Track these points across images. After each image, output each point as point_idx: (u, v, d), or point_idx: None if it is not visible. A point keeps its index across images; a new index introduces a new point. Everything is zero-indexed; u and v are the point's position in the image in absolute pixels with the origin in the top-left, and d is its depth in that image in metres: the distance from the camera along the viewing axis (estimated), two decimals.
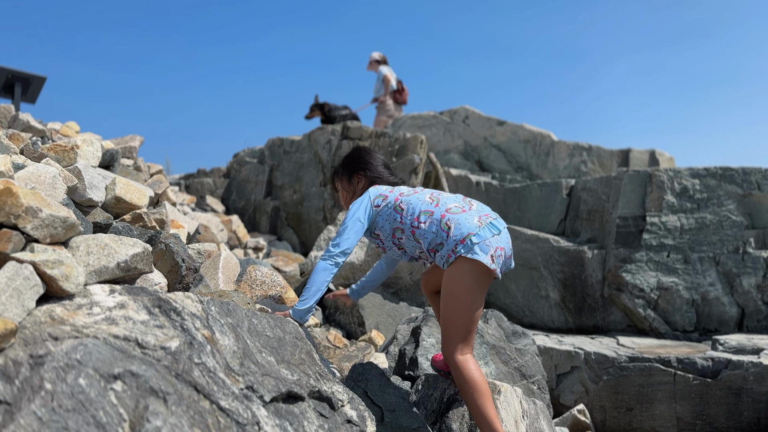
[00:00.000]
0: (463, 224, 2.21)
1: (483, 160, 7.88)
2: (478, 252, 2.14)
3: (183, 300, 1.96)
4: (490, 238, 2.19)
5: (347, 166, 2.63)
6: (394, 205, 2.36)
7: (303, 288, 2.35)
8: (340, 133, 6.22)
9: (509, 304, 5.57)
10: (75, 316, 1.77)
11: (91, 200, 2.78)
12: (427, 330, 3.10)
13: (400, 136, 5.65)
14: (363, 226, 2.34)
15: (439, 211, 2.28)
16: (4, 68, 7.75)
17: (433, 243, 2.26)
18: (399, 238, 2.36)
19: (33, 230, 1.91)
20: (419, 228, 2.27)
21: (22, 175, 2.26)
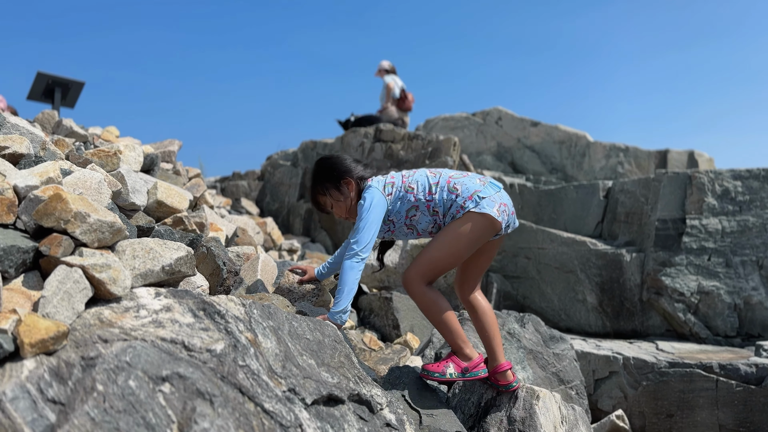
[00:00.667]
0: (468, 184, 2.39)
1: (516, 161, 7.81)
2: (485, 206, 2.31)
3: (226, 303, 2.00)
4: (494, 195, 2.38)
5: (328, 178, 2.58)
6: (404, 187, 2.47)
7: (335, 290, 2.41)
8: (373, 136, 6.24)
9: (545, 307, 5.50)
10: (123, 319, 1.81)
11: (134, 204, 2.85)
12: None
13: (432, 138, 5.64)
14: (380, 219, 2.42)
15: (443, 179, 2.44)
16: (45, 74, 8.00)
17: (445, 207, 2.39)
18: (412, 215, 2.46)
19: (81, 235, 1.97)
20: (434, 200, 2.40)
21: (69, 180, 2.33)
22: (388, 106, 7.91)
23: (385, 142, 6.09)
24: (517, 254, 5.56)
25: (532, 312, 5.51)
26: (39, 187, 2.10)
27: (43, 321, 1.65)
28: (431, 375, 2.44)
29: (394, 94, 7.92)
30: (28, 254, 1.88)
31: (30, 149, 2.41)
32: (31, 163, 2.34)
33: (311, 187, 2.65)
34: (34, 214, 1.96)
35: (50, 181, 2.16)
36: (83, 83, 8.46)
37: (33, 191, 2.04)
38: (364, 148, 6.18)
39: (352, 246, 2.36)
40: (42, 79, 8.02)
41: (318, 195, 2.62)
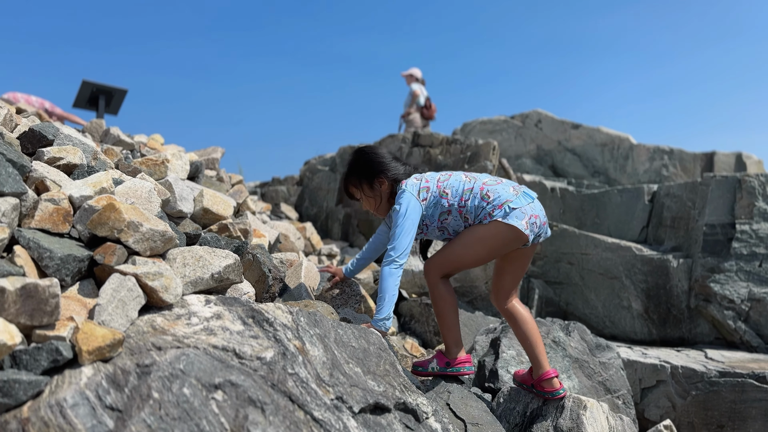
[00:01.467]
0: (501, 193, 2.40)
1: (557, 164, 7.68)
2: (513, 218, 2.32)
3: (274, 311, 2.02)
4: (526, 206, 2.37)
5: (363, 173, 2.61)
6: (439, 193, 2.48)
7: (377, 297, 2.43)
8: (411, 141, 6.24)
9: (589, 314, 5.40)
10: (175, 326, 1.85)
11: (181, 212, 2.91)
12: (506, 342, 3.04)
13: (471, 142, 5.60)
14: (416, 225, 2.44)
15: (477, 186, 2.45)
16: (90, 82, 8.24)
17: (475, 214, 2.41)
18: (444, 219, 2.49)
19: (134, 243, 2.02)
20: (466, 206, 2.42)
21: (121, 189, 2.39)
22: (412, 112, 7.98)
23: (423, 147, 6.08)
24: (560, 260, 5.46)
25: (575, 319, 5.41)
26: (93, 197, 2.16)
27: (99, 329, 1.70)
28: (416, 369, 2.54)
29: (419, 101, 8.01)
30: (83, 263, 1.94)
31: (83, 159, 2.48)
32: (84, 173, 2.41)
33: (345, 175, 2.69)
34: (89, 223, 2.02)
35: (103, 191, 2.23)
36: (126, 91, 8.70)
37: (87, 201, 2.10)
38: (402, 153, 6.18)
39: (390, 253, 2.38)
40: (87, 87, 8.27)
41: (350, 185, 2.67)
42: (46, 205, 2.03)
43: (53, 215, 2.04)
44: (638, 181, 7.21)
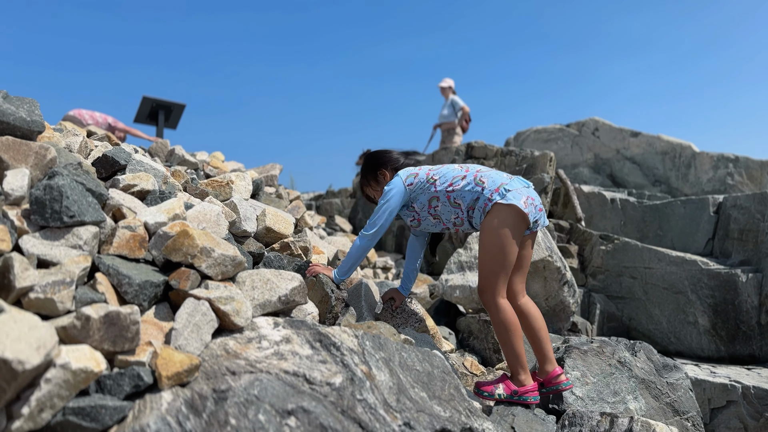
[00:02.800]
0: (495, 178, 2.47)
1: (616, 173, 7.48)
2: (511, 198, 2.38)
3: (340, 335, 2.05)
4: (521, 188, 2.44)
5: (369, 170, 2.85)
6: (426, 179, 2.60)
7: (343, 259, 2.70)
8: (464, 152, 6.21)
9: (653, 330, 5.22)
10: (247, 350, 1.90)
11: (246, 231, 2.99)
12: (570, 362, 2.98)
13: (527, 154, 5.52)
14: (396, 208, 2.61)
15: (471, 173, 2.54)
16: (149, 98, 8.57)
17: (469, 199, 2.48)
18: (435, 206, 2.58)
19: (207, 269, 2.09)
20: (454, 191, 2.50)
21: (192, 214, 2.48)
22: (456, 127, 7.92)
23: (477, 159, 6.04)
24: (622, 273, 5.31)
25: (638, 334, 5.24)
26: (167, 223, 2.25)
27: (177, 354, 1.77)
28: (481, 393, 2.50)
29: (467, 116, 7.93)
30: (159, 288, 2.02)
31: (155, 185, 2.59)
32: (156, 199, 2.51)
33: (360, 178, 2.93)
34: (164, 249, 2.10)
35: (176, 218, 2.31)
36: (184, 105, 8.98)
37: (162, 227, 2.18)
38: None
39: (368, 228, 2.60)
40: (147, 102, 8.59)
41: (364, 187, 2.91)
42: (123, 231, 2.12)
43: (130, 241, 2.13)
44: (701, 191, 6.94)
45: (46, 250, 1.89)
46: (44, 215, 1.93)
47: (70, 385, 1.52)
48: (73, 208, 1.95)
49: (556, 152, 7.70)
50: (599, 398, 2.92)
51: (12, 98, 2.27)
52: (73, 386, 1.53)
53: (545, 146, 8.07)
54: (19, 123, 2.20)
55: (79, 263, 1.87)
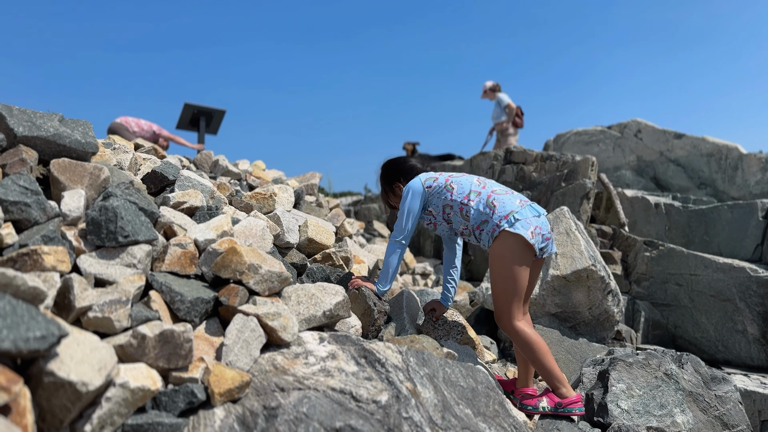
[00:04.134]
0: (506, 203, 2.48)
1: (659, 176, 7.30)
2: (519, 228, 2.39)
3: (384, 351, 2.07)
4: (531, 218, 2.45)
5: (385, 183, 2.89)
6: (444, 185, 2.62)
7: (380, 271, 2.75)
8: (503, 158, 6.16)
9: (699, 338, 5.09)
10: (294, 366, 1.94)
11: (289, 243, 3.05)
12: (616, 375, 2.94)
13: (568, 159, 5.44)
14: (418, 211, 2.64)
15: (486, 192, 2.55)
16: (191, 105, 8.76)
17: (478, 220, 2.51)
18: (448, 213, 2.62)
19: (255, 285, 2.15)
20: (467, 205, 2.53)
21: (238, 229, 2.54)
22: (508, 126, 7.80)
23: (516, 164, 5.99)
24: (667, 280, 5.19)
25: (684, 342, 5.11)
26: (216, 240, 2.32)
27: (228, 371, 1.82)
28: (525, 407, 2.52)
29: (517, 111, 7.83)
30: (209, 304, 2.08)
31: (203, 201, 2.66)
32: (204, 215, 2.58)
33: (381, 189, 2.95)
34: (213, 266, 2.17)
35: (224, 234, 2.38)
36: (224, 111, 9.17)
37: (211, 245, 2.25)
38: (494, 170, 6.12)
39: (394, 233, 2.65)
40: (188, 109, 8.79)
41: (384, 195, 2.95)
42: (174, 249, 2.19)
43: (181, 258, 2.20)
44: (749, 194, 6.72)
45: (102, 270, 1.97)
46: (100, 235, 2.01)
47: (128, 403, 1.58)
48: (128, 228, 2.02)
49: (597, 155, 7.57)
50: (645, 411, 2.88)
51: (67, 121, 2.37)
52: (132, 404, 1.59)
53: (586, 149, 7.93)
54: (75, 145, 2.29)
55: (133, 282, 1.94)
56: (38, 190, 2.03)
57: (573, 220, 4.03)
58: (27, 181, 2.01)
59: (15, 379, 1.27)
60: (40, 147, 2.25)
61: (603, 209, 5.93)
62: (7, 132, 2.19)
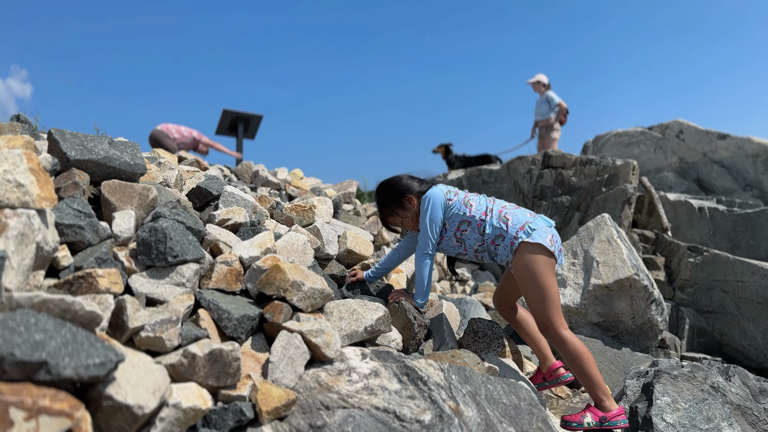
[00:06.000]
0: (519, 216, 2.56)
1: (703, 178, 7.10)
2: (537, 237, 2.46)
3: (426, 368, 2.09)
4: (545, 227, 2.53)
5: (392, 199, 2.77)
6: (464, 201, 2.65)
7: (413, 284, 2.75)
8: (541, 162, 6.09)
9: (746, 346, 4.95)
10: (338, 383, 1.98)
11: (328, 255, 3.09)
12: (660, 388, 2.90)
13: (608, 163, 5.34)
14: (440, 218, 2.62)
15: (497, 208, 2.62)
16: (229, 111, 8.94)
17: (493, 235, 2.56)
18: (464, 230, 2.63)
19: (298, 302, 2.19)
20: (485, 222, 2.57)
21: (281, 245, 2.59)
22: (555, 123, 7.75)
23: (555, 168, 5.91)
24: (712, 287, 5.05)
25: (730, 350, 4.98)
26: (260, 257, 2.37)
27: (275, 389, 1.86)
28: (569, 425, 2.47)
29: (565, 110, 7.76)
30: (254, 320, 2.13)
31: (247, 218, 2.72)
32: (248, 231, 2.64)
33: (379, 211, 2.87)
34: (258, 283, 2.22)
35: (268, 251, 2.43)
36: (261, 116, 9.31)
37: (255, 262, 2.30)
38: (532, 175, 6.06)
39: (419, 245, 2.64)
40: (227, 115, 8.97)
41: (387, 217, 2.85)
42: (221, 267, 2.26)
43: (227, 276, 2.26)
44: None
45: (153, 289, 2.04)
46: (150, 256, 2.08)
47: (181, 423, 1.63)
48: (177, 249, 2.09)
49: (638, 156, 7.41)
50: (691, 425, 2.82)
51: (116, 143, 2.46)
52: (184, 423, 1.65)
53: (626, 150, 7.78)
54: (124, 167, 2.38)
55: (183, 301, 2.00)
56: (91, 212, 2.11)
57: (614, 228, 3.97)
58: (80, 204, 2.09)
59: (77, 405, 1.33)
60: (92, 169, 2.33)
61: (645, 213, 5.80)
62: (61, 156, 2.28)
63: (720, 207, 5.74)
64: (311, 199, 3.43)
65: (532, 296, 2.49)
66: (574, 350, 2.46)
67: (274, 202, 3.52)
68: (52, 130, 2.34)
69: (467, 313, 3.71)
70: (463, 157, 9.17)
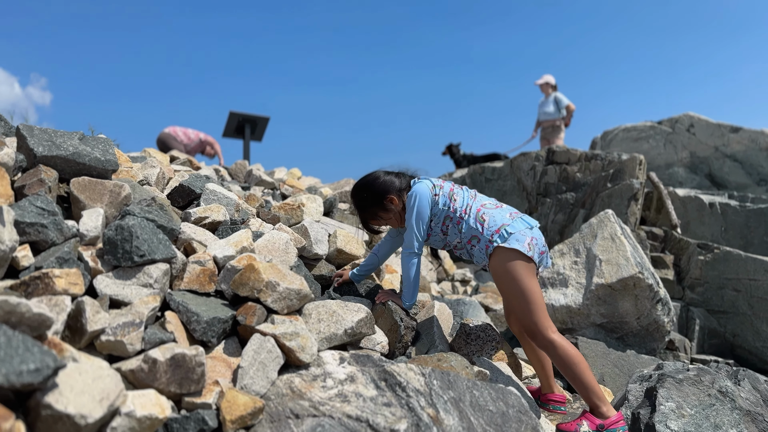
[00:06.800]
0: (496, 217, 2.40)
1: (715, 173, 6.89)
2: (514, 242, 2.31)
3: (406, 373, 1.97)
4: (524, 230, 2.36)
5: (372, 203, 2.58)
6: (449, 195, 2.50)
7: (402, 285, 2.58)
8: (545, 158, 5.93)
9: (760, 347, 4.75)
10: (311, 389, 1.87)
11: (317, 254, 2.99)
12: (664, 392, 2.74)
13: (614, 158, 5.17)
14: (427, 215, 2.47)
15: (476, 206, 2.46)
16: (236, 113, 8.90)
17: (468, 235, 2.42)
18: (447, 225, 2.49)
19: (272, 303, 2.08)
20: (463, 219, 2.44)
21: (260, 244, 2.49)
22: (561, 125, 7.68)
23: (560, 164, 5.75)
24: (723, 286, 4.86)
25: (744, 352, 4.78)
26: (235, 256, 2.26)
27: (241, 396, 1.75)
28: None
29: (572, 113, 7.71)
30: (227, 323, 2.03)
31: (226, 215, 2.62)
32: (227, 230, 2.54)
33: (360, 216, 2.68)
34: (232, 284, 2.12)
35: (244, 250, 2.32)
36: (268, 118, 9.27)
37: (230, 261, 2.20)
38: (535, 172, 5.90)
39: (406, 243, 2.50)
40: (234, 118, 8.94)
41: (369, 221, 2.67)
42: (193, 267, 2.15)
43: (200, 276, 2.16)
44: None
45: (118, 290, 1.94)
46: (116, 255, 1.98)
47: None
48: (143, 248, 1.99)
49: (647, 151, 7.21)
50: None
51: (88, 139, 2.37)
52: None
53: (635, 146, 7.59)
54: (95, 163, 2.29)
55: (148, 303, 1.90)
56: (55, 210, 2.02)
57: (618, 224, 3.82)
58: (44, 201, 2.00)
59: (7, 414, 1.23)
60: (60, 166, 2.25)
61: (653, 210, 5.62)
62: (28, 152, 2.20)
63: (732, 202, 5.53)
64: (300, 197, 3.32)
65: (514, 302, 2.37)
66: (564, 354, 2.32)
67: (263, 201, 3.42)
68: (21, 126, 2.25)
69: (465, 315, 3.58)
70: (470, 156, 9.06)
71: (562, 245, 4.01)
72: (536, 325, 2.33)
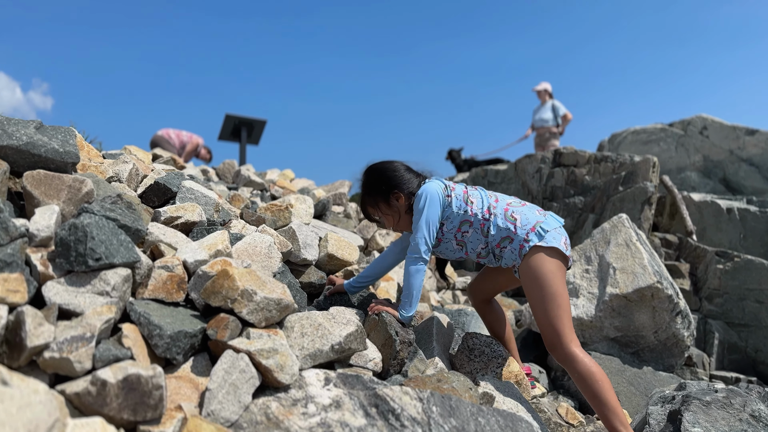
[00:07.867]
0: (528, 215, 2.24)
1: (729, 177, 6.61)
2: (551, 240, 2.16)
3: (401, 398, 1.70)
4: (558, 228, 2.23)
5: (378, 191, 2.42)
6: (463, 197, 2.31)
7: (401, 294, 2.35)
8: (551, 160, 5.66)
9: None
10: (290, 416, 1.60)
11: (306, 260, 2.73)
12: (690, 417, 2.47)
13: (626, 159, 4.90)
14: (437, 219, 2.27)
15: (501, 206, 2.29)
16: (232, 116, 8.71)
17: (498, 237, 2.24)
18: (465, 232, 2.30)
19: (248, 314, 1.82)
20: (489, 220, 2.25)
21: (239, 247, 2.23)
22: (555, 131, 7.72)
23: (567, 167, 5.47)
24: (745, 297, 4.56)
25: (764, 366, 4.49)
26: (208, 261, 2.01)
27: (206, 426, 1.49)
28: None
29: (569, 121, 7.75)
30: (195, 338, 1.77)
31: (202, 216, 2.36)
32: (203, 231, 2.28)
33: (361, 197, 2.51)
34: (202, 292, 1.86)
35: (219, 254, 2.06)
36: (265, 121, 9.09)
37: (201, 267, 1.94)
38: (541, 175, 5.63)
39: (412, 248, 2.27)
40: (230, 120, 8.75)
41: (367, 206, 2.50)
42: (159, 272, 1.90)
43: (167, 283, 1.90)
44: None
45: (69, 299, 1.68)
46: (69, 258, 1.72)
47: None
48: (99, 250, 1.73)
49: (658, 155, 6.93)
50: None
51: (46, 128, 2.12)
52: None
53: (645, 149, 7.32)
54: (52, 155, 2.03)
55: (101, 314, 1.63)
56: (1, 207, 1.76)
57: (633, 230, 3.54)
58: None
59: None
60: (12, 158, 1.99)
61: (666, 216, 5.33)
62: None
63: (751, 208, 5.23)
64: (289, 198, 3.06)
65: (542, 306, 2.14)
66: (586, 370, 2.09)
67: (249, 202, 3.16)
68: None
69: (467, 327, 3.31)
70: (472, 161, 8.88)
71: (572, 252, 3.74)
72: (560, 335, 2.11)
